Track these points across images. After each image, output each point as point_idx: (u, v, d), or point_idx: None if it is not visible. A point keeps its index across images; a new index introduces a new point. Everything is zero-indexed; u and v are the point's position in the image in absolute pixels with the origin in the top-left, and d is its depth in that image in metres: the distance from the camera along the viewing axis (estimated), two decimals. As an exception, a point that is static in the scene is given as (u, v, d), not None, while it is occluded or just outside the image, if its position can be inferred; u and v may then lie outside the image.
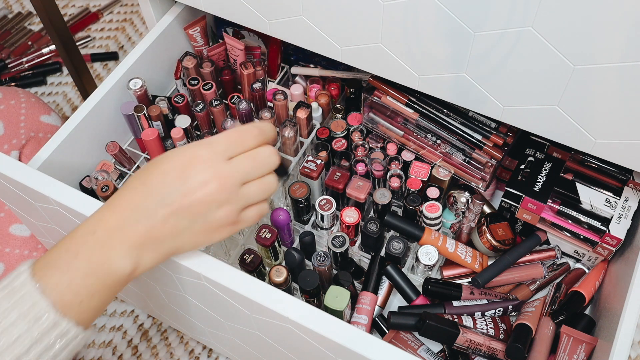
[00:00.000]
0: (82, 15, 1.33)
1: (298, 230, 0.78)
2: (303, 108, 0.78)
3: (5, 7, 1.37)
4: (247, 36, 0.89)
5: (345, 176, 0.75)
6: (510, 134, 0.72)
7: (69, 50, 1.01)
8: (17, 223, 0.89)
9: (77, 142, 0.75)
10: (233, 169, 0.49)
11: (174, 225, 0.48)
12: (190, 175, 0.48)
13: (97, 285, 0.47)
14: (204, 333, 0.76)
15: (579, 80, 0.53)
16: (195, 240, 0.50)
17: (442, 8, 0.54)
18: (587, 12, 0.48)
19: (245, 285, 0.54)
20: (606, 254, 0.73)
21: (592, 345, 0.66)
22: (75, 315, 0.46)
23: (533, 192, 0.73)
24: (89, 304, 0.46)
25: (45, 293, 0.44)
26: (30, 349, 0.44)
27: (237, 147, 0.50)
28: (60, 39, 0.98)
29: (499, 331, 0.70)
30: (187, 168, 0.48)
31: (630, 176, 0.72)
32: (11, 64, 1.24)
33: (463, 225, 0.78)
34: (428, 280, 0.74)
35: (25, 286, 0.45)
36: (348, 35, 0.65)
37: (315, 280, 0.66)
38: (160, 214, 0.48)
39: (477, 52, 0.56)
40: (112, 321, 0.92)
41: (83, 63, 1.06)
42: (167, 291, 0.66)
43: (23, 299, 0.44)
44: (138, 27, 1.33)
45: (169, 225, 0.48)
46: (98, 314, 0.49)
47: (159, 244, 0.49)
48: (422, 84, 0.64)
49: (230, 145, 0.50)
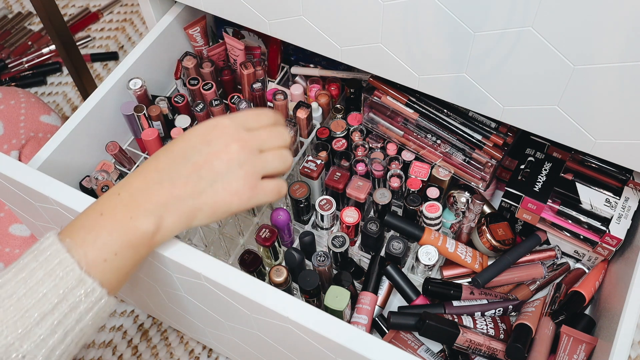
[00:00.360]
0: (82, 15, 1.33)
1: (298, 230, 0.78)
2: (303, 108, 0.78)
3: (5, 7, 1.37)
4: (247, 36, 0.89)
5: (345, 176, 0.75)
6: (510, 134, 0.72)
7: (69, 50, 1.01)
8: (17, 223, 0.89)
9: (77, 142, 0.75)
10: (252, 135, 0.53)
11: (196, 184, 0.50)
12: (212, 139, 0.52)
13: (121, 243, 0.48)
14: (204, 333, 0.76)
15: (579, 80, 0.53)
16: (215, 202, 0.51)
17: (442, 8, 0.54)
18: (587, 12, 0.48)
19: (245, 285, 0.54)
20: (606, 254, 0.73)
21: (592, 345, 0.66)
22: (99, 274, 0.47)
23: (533, 192, 0.73)
24: (113, 263, 0.48)
25: (71, 252, 0.46)
26: (55, 307, 0.45)
27: (254, 121, 0.55)
28: (60, 39, 0.98)
29: (499, 331, 0.70)
30: (210, 134, 0.52)
31: (630, 176, 0.72)
32: (11, 64, 1.24)
33: (463, 225, 0.78)
34: (428, 280, 0.74)
35: (52, 246, 0.46)
36: (348, 35, 0.65)
37: (315, 280, 0.66)
38: (183, 173, 0.50)
39: (477, 52, 0.56)
40: (112, 321, 0.92)
41: (83, 63, 1.06)
42: (167, 291, 0.66)
43: (50, 258, 0.46)
44: (138, 27, 1.33)
45: (190, 184, 0.50)
46: (122, 279, 0.50)
47: (180, 202, 0.50)
48: (422, 84, 0.64)
49: (248, 119, 0.54)
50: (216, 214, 0.52)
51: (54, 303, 0.45)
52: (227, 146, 0.51)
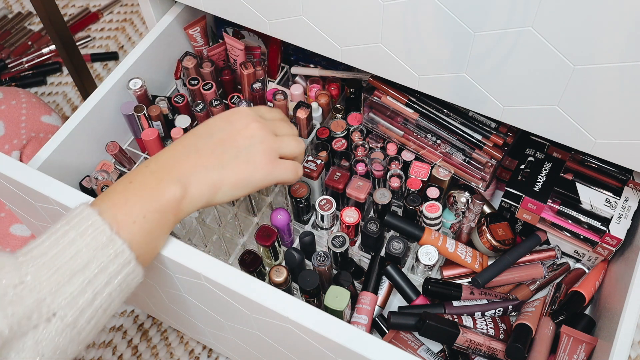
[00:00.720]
0: (82, 15, 1.33)
1: (298, 230, 0.78)
2: (303, 108, 0.78)
3: (5, 7, 1.37)
4: (247, 36, 0.89)
5: (345, 176, 0.75)
6: (510, 134, 0.72)
7: (69, 50, 1.01)
8: (17, 223, 0.90)
9: (77, 142, 0.75)
10: (269, 120, 0.60)
11: (221, 155, 0.55)
12: (234, 120, 0.57)
13: (149, 206, 0.51)
14: (204, 333, 0.76)
15: (579, 80, 0.53)
16: (238, 174, 0.55)
17: (442, 8, 0.55)
18: (587, 12, 0.48)
19: (245, 285, 0.54)
20: (606, 254, 0.73)
21: (592, 345, 0.66)
22: (128, 235, 0.49)
23: (533, 192, 0.73)
24: (142, 225, 0.50)
25: (102, 214, 0.48)
26: (86, 266, 0.46)
27: (268, 113, 0.62)
28: (60, 39, 0.98)
29: (499, 331, 0.70)
30: (232, 117, 0.58)
31: (630, 176, 0.72)
32: (11, 64, 1.24)
33: (463, 225, 0.78)
34: (428, 280, 0.74)
35: (84, 211, 0.49)
36: (348, 35, 0.65)
37: (315, 280, 0.66)
38: (209, 146, 0.55)
39: (477, 52, 0.56)
40: (112, 321, 0.92)
41: (83, 63, 1.06)
42: (167, 291, 0.66)
43: (81, 221, 0.48)
44: (138, 27, 1.33)
45: (215, 155, 0.55)
46: (150, 247, 0.52)
47: (205, 172, 0.54)
48: (422, 84, 0.64)
49: (263, 111, 0.62)
50: (238, 187, 0.55)
51: (85, 262, 0.46)
52: (247, 125, 0.57)
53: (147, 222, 0.50)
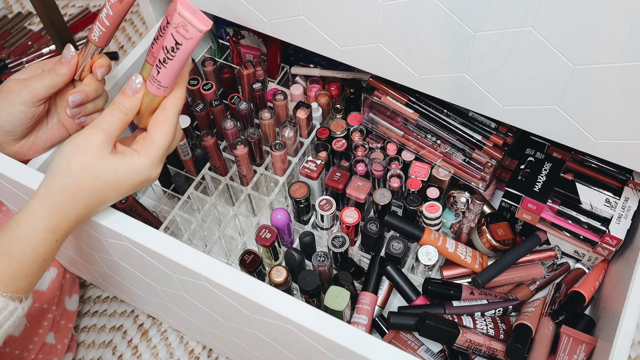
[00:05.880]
0: (82, 15, 1.33)
1: (298, 230, 0.78)
2: (303, 108, 0.78)
3: (5, 7, 1.37)
4: (247, 36, 0.89)
5: (345, 176, 0.75)
6: (510, 134, 0.72)
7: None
8: (17, 223, 0.89)
9: (77, 142, 0.74)
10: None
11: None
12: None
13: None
14: (204, 333, 0.76)
15: (579, 80, 0.53)
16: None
17: (442, 8, 0.54)
18: (587, 12, 0.48)
19: (245, 285, 0.54)
20: (606, 254, 0.73)
21: (592, 345, 0.66)
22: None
23: (533, 192, 0.73)
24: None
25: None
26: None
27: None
28: (60, 39, 0.98)
29: (499, 331, 0.70)
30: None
31: (630, 176, 0.72)
32: (11, 64, 1.24)
33: (463, 225, 0.78)
34: (428, 280, 0.74)
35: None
36: (348, 35, 0.65)
37: (315, 280, 0.66)
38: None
39: (477, 52, 0.56)
40: (112, 321, 0.92)
41: (83, 63, 1.06)
42: (167, 291, 0.66)
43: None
44: (138, 27, 1.33)
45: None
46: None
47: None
48: (422, 84, 0.64)
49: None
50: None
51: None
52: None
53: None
